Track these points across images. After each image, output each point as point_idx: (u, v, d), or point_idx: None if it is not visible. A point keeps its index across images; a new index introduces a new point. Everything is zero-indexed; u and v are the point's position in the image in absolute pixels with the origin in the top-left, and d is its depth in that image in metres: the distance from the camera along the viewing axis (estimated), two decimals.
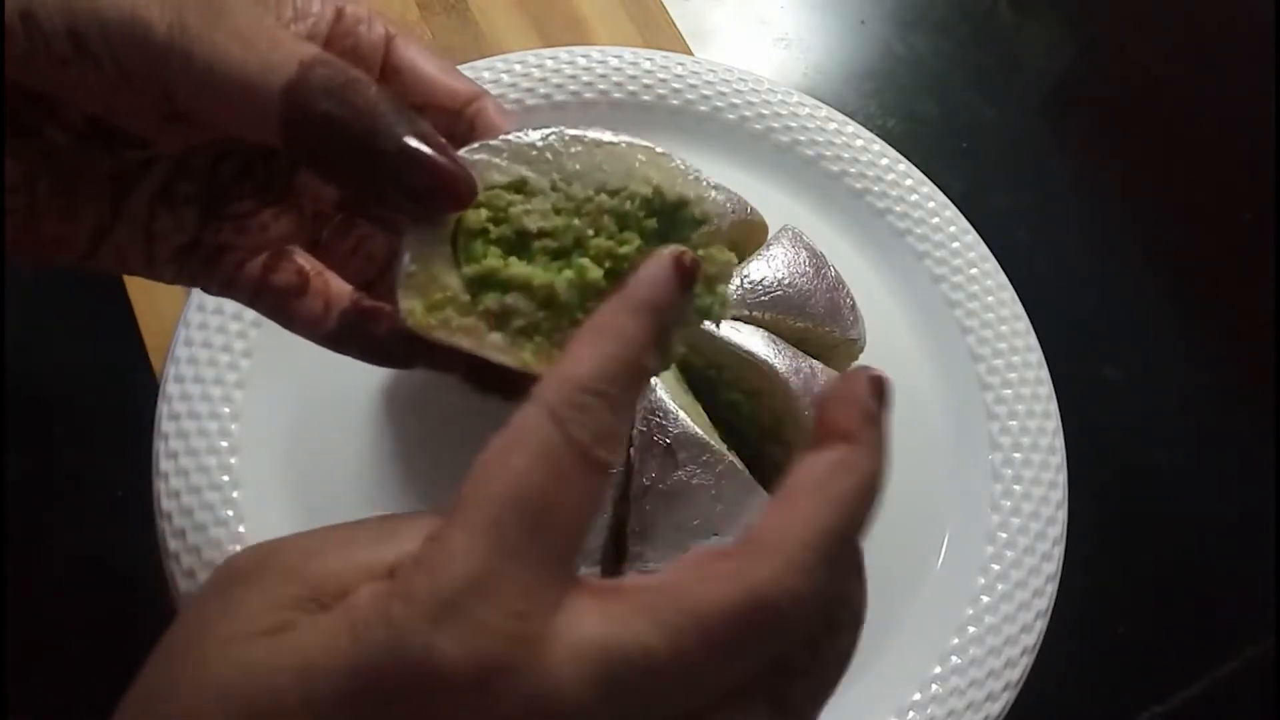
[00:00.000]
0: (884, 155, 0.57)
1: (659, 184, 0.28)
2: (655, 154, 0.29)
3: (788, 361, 0.42)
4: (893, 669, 0.45)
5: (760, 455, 0.43)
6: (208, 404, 0.46)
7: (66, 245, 0.29)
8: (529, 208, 0.28)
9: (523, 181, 0.28)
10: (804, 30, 0.67)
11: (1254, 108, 0.68)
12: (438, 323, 0.27)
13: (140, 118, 0.27)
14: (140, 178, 0.30)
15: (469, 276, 0.27)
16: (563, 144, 0.28)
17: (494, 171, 0.28)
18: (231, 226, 0.31)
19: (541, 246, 0.28)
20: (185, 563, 0.43)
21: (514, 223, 0.27)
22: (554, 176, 0.28)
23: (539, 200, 0.28)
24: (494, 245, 0.27)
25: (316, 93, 0.25)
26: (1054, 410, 0.51)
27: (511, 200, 0.28)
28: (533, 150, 0.28)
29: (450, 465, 0.46)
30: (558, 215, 0.28)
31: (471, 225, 0.27)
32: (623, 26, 0.64)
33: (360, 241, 0.34)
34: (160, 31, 0.25)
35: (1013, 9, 0.71)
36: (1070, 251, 0.61)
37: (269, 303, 0.32)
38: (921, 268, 0.55)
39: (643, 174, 0.29)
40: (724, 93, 0.58)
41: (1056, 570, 0.47)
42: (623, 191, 0.28)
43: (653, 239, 0.28)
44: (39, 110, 0.27)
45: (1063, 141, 0.66)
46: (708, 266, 0.29)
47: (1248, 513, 0.54)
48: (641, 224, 0.28)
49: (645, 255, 0.26)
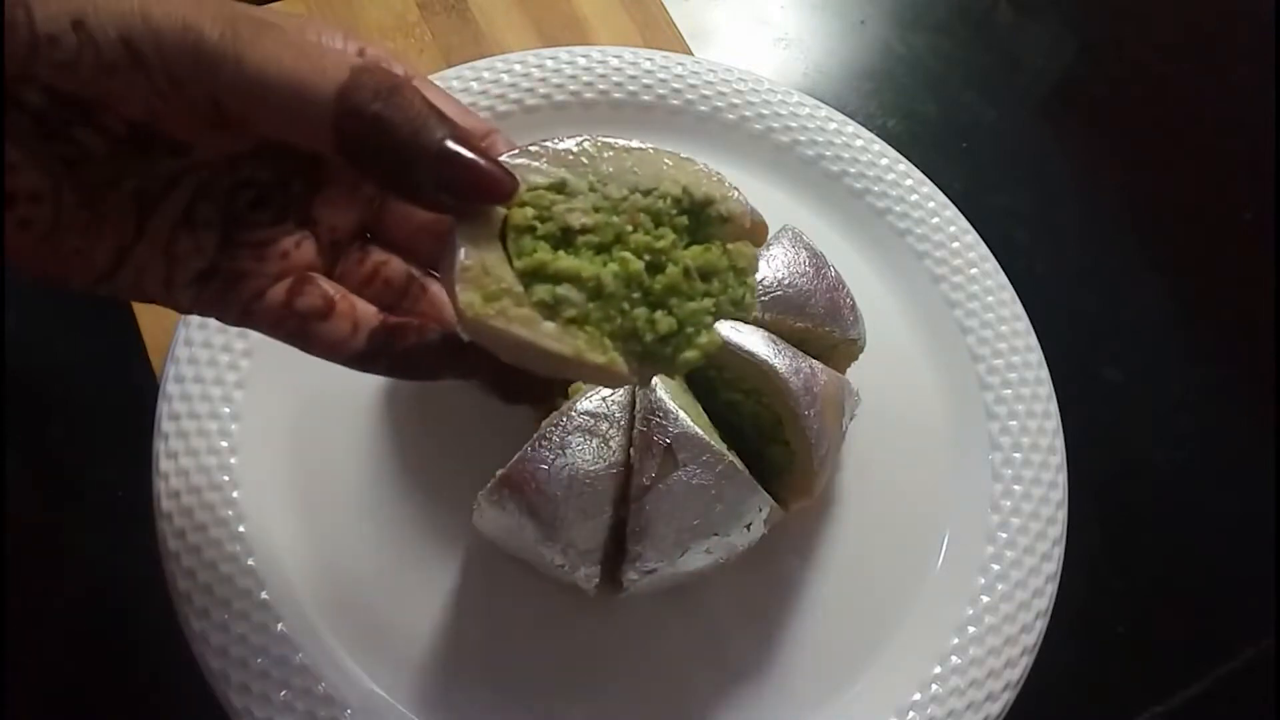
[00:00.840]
0: (884, 155, 0.57)
1: (687, 185, 0.31)
2: (680, 159, 0.31)
3: (788, 361, 0.42)
4: (893, 669, 0.45)
5: (760, 455, 0.43)
6: (208, 404, 0.46)
7: (87, 261, 0.29)
8: (571, 206, 0.29)
9: (563, 183, 0.30)
10: (804, 30, 0.67)
11: (1254, 108, 0.68)
12: (495, 313, 0.28)
13: (184, 123, 0.28)
14: (164, 197, 0.30)
15: (521, 270, 0.29)
16: (595, 149, 0.30)
17: (535, 174, 0.29)
18: (250, 253, 0.31)
19: (585, 242, 0.29)
20: (185, 563, 0.43)
21: (558, 220, 0.29)
22: (590, 179, 0.30)
23: (579, 200, 0.30)
24: (542, 241, 0.29)
25: (368, 95, 0.27)
26: (1054, 410, 0.51)
27: (554, 199, 0.29)
28: (569, 155, 0.30)
29: (450, 465, 0.47)
30: (597, 213, 0.30)
31: (519, 223, 0.29)
32: (623, 26, 0.64)
33: (377, 268, 0.34)
34: (213, 39, 0.26)
35: (1013, 9, 0.71)
36: (1070, 251, 0.61)
37: (291, 327, 0.32)
38: (921, 268, 0.55)
39: (671, 176, 0.31)
40: (724, 93, 0.58)
41: (1056, 570, 0.47)
42: (655, 191, 0.30)
43: (684, 235, 0.31)
44: (74, 116, 0.27)
45: (1063, 141, 0.66)
46: (737, 260, 0.31)
47: (1248, 513, 0.54)
48: (674, 221, 0.31)
49: (680, 249, 0.30)
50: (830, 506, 0.49)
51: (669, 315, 0.30)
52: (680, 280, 0.30)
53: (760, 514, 0.41)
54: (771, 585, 0.47)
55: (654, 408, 0.40)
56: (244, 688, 0.41)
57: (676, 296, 0.30)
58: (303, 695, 0.41)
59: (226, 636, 0.42)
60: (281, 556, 0.45)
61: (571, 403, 0.41)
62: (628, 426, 0.41)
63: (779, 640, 0.46)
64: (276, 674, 0.41)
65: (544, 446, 0.39)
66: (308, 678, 0.42)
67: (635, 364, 0.30)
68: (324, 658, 0.43)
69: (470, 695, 0.43)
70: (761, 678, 0.45)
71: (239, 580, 0.43)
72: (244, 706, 0.41)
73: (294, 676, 0.42)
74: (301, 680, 0.42)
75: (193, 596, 0.42)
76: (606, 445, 0.40)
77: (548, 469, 0.39)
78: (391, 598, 0.44)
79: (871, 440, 0.50)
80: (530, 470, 0.39)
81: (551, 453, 0.39)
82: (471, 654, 0.44)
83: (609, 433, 0.40)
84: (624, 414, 0.41)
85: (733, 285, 0.31)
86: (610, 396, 0.41)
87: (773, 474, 0.43)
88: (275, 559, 0.44)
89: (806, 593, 0.47)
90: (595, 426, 0.40)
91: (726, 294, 0.31)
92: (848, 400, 0.45)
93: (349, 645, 0.43)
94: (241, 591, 0.43)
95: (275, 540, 0.45)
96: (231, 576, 0.43)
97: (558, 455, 0.39)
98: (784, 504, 0.43)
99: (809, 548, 0.48)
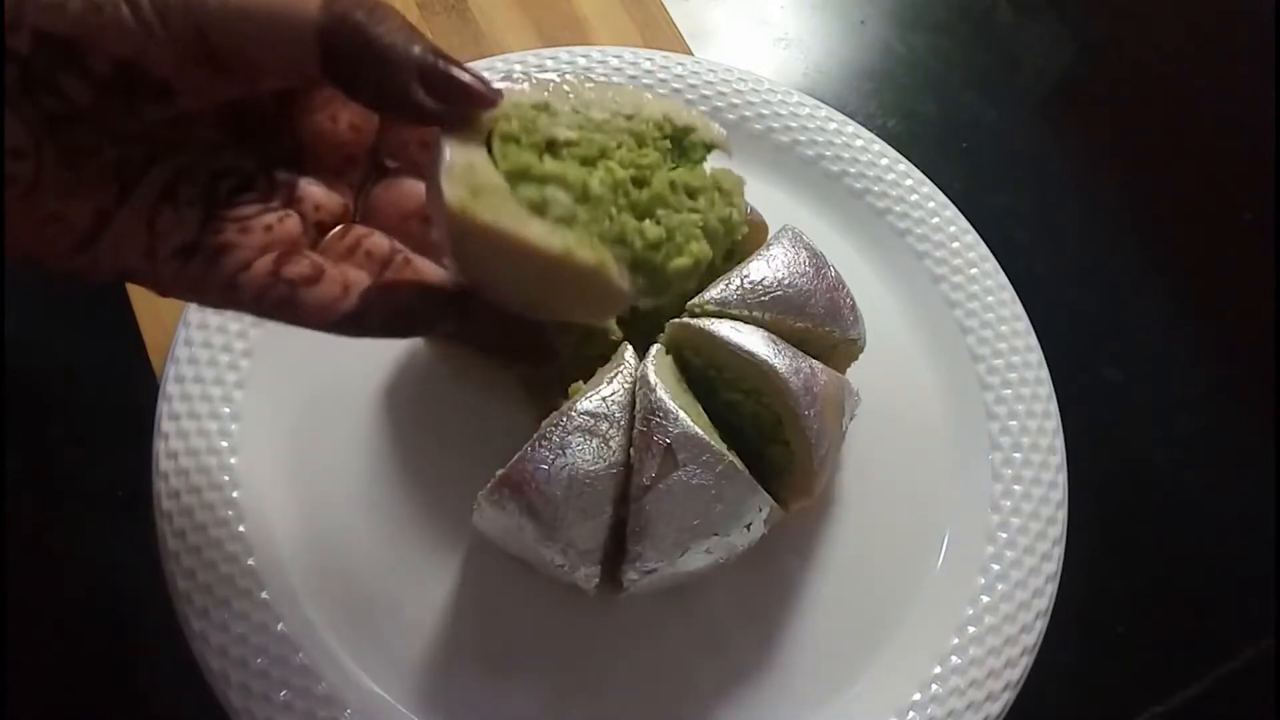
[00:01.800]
0: (884, 155, 0.57)
1: (667, 112, 0.32)
2: (661, 96, 0.33)
3: (788, 361, 0.42)
4: (893, 669, 0.45)
5: (760, 455, 0.43)
6: (208, 404, 0.46)
7: (65, 226, 0.29)
8: (555, 121, 0.30)
9: (546, 104, 0.31)
10: (804, 30, 0.67)
11: (1254, 108, 0.68)
12: (484, 208, 0.29)
13: (171, 61, 0.28)
14: (145, 172, 0.30)
15: (507, 171, 0.29)
16: (577, 80, 0.31)
17: (518, 95, 0.30)
18: (235, 226, 0.31)
19: (570, 154, 0.30)
20: (185, 563, 0.43)
21: (543, 132, 0.30)
22: (573, 102, 0.31)
23: (563, 119, 0.31)
24: (527, 150, 0.30)
25: (350, 4, 0.28)
26: (1054, 410, 0.51)
27: (537, 115, 0.30)
28: (551, 83, 0.31)
29: (450, 465, 0.47)
30: (581, 130, 0.31)
31: (504, 131, 0.30)
32: (623, 26, 0.64)
33: (359, 240, 0.34)
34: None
35: (1013, 9, 0.71)
36: (1070, 251, 0.61)
37: (278, 295, 0.31)
38: (921, 268, 0.55)
39: (653, 105, 0.32)
40: (724, 93, 0.58)
41: (1056, 570, 0.47)
42: (636, 116, 0.32)
43: (668, 156, 0.32)
44: (61, 61, 0.27)
45: (1063, 141, 0.66)
46: (723, 181, 0.33)
47: (1248, 513, 0.54)
48: (657, 144, 0.32)
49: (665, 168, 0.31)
50: (830, 506, 0.49)
51: (657, 225, 0.31)
52: (666, 192, 0.31)
53: (760, 514, 0.41)
54: (771, 585, 0.47)
55: (654, 408, 0.40)
56: (244, 688, 0.41)
57: (663, 208, 0.31)
58: (303, 695, 0.41)
59: (226, 636, 0.42)
60: (281, 556, 0.45)
61: (571, 403, 0.41)
62: (628, 426, 0.41)
63: (779, 640, 0.46)
64: (276, 674, 0.41)
65: (544, 446, 0.39)
66: (308, 678, 0.42)
67: (627, 273, 0.31)
68: (324, 658, 0.43)
69: (470, 695, 0.43)
70: (761, 678, 0.45)
71: (239, 580, 0.43)
72: (244, 706, 0.41)
73: (294, 676, 0.42)
74: (301, 680, 0.42)
75: (193, 596, 0.42)
76: (606, 445, 0.40)
77: (548, 469, 0.39)
78: (392, 598, 0.44)
79: (871, 440, 0.50)
80: (530, 470, 0.39)
81: (551, 453, 0.39)
82: (471, 654, 0.44)
83: (609, 433, 0.40)
84: (624, 414, 0.41)
85: (719, 204, 0.32)
86: (610, 396, 0.41)
87: (773, 474, 0.43)
88: (275, 559, 0.44)
89: (806, 593, 0.47)
90: (595, 426, 0.40)
91: (714, 211, 0.32)
92: (848, 400, 0.45)
93: (349, 645, 0.43)
94: (241, 591, 0.43)
95: (275, 540, 0.45)
96: (231, 576, 0.43)
97: (558, 455, 0.39)
98: (784, 504, 0.43)
99: (809, 548, 0.48)
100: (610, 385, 0.41)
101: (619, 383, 0.42)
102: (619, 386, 0.41)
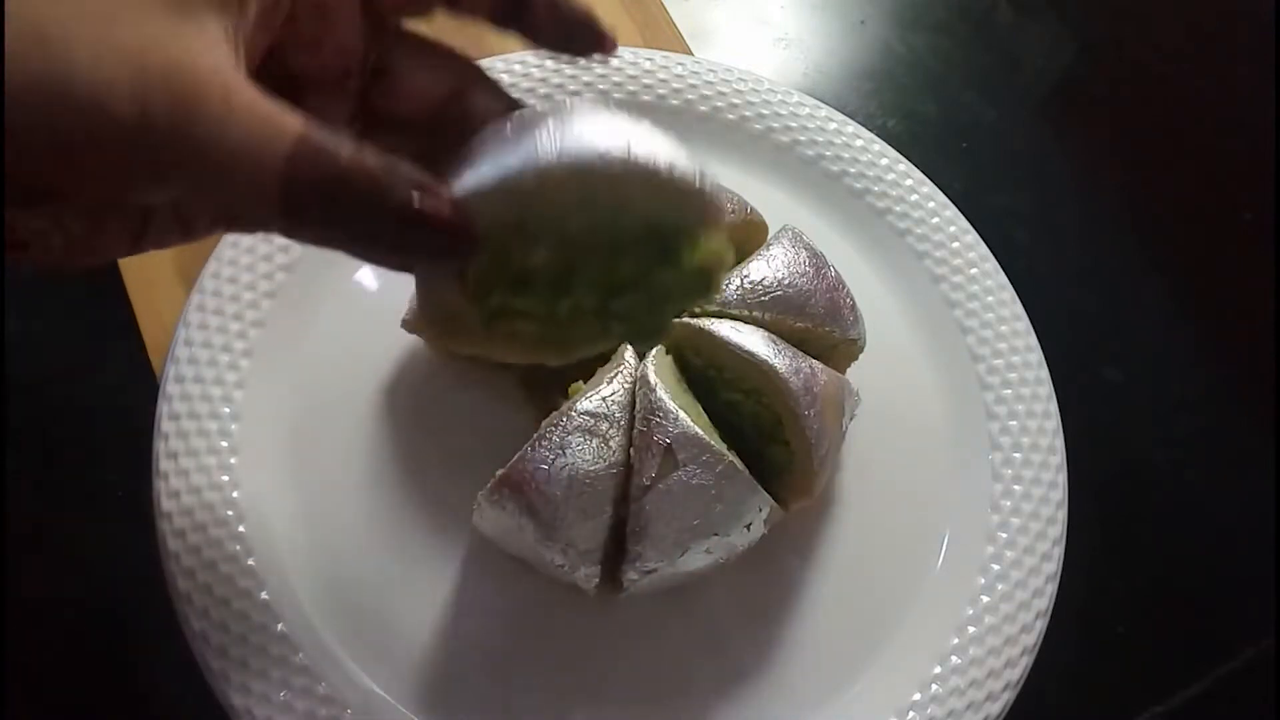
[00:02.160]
0: (884, 155, 0.57)
1: (652, 219, 0.29)
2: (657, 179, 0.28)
3: (788, 361, 0.42)
4: (893, 669, 0.45)
5: (760, 455, 0.43)
6: (208, 404, 0.46)
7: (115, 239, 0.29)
8: (528, 250, 0.29)
9: (520, 223, 0.28)
10: (804, 30, 0.67)
11: (1254, 108, 0.68)
12: (458, 341, 0.31)
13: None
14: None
15: (480, 306, 0.30)
16: (555, 181, 0.28)
17: (492, 209, 0.28)
18: None
19: (544, 274, 0.30)
20: (185, 563, 0.43)
21: (516, 261, 0.29)
22: (548, 214, 0.28)
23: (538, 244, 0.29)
24: (499, 283, 0.29)
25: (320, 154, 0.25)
26: (1054, 410, 0.51)
27: (509, 241, 0.29)
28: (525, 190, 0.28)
29: (450, 465, 0.47)
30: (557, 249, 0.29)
31: (476, 274, 0.29)
32: (623, 26, 0.64)
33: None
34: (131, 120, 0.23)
35: (1013, 9, 0.71)
36: (1070, 251, 0.61)
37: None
38: (921, 268, 0.55)
39: (640, 207, 0.29)
40: (724, 93, 0.58)
41: (1056, 570, 0.47)
42: (616, 225, 0.29)
43: (648, 259, 0.30)
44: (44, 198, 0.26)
45: (1063, 141, 0.66)
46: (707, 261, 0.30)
47: (1248, 513, 0.54)
48: (636, 250, 0.30)
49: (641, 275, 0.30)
50: (830, 506, 0.49)
51: (623, 324, 0.31)
52: (642, 298, 0.31)
53: (760, 514, 0.41)
54: (771, 585, 0.47)
55: (654, 408, 0.40)
56: (244, 688, 0.41)
57: (639, 309, 0.31)
58: (303, 695, 0.41)
59: (226, 636, 0.42)
60: (281, 557, 0.45)
61: (571, 403, 0.41)
62: (628, 426, 0.41)
63: (779, 640, 0.46)
64: (276, 674, 0.41)
65: (544, 446, 0.39)
66: (308, 678, 0.42)
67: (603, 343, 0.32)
68: (324, 658, 0.43)
69: (470, 695, 0.43)
70: (761, 678, 0.45)
71: (239, 580, 0.43)
72: (244, 706, 0.41)
73: (294, 676, 0.42)
74: (301, 680, 0.42)
75: (193, 596, 0.42)
76: (606, 445, 0.40)
77: (548, 469, 0.39)
78: (392, 598, 0.44)
79: (871, 440, 0.50)
80: (530, 470, 0.39)
81: (551, 453, 0.39)
82: (471, 654, 0.44)
83: (609, 433, 0.40)
84: (624, 414, 0.41)
85: (699, 285, 0.31)
86: (610, 396, 0.41)
87: (773, 474, 0.43)
88: (275, 559, 0.44)
89: (806, 593, 0.47)
90: (595, 426, 0.40)
91: (689, 299, 0.32)
92: (848, 400, 0.45)
93: (349, 645, 0.43)
94: (241, 591, 0.43)
95: (275, 540, 0.45)
96: (231, 576, 0.43)
97: (558, 455, 0.39)
98: (784, 504, 0.43)
99: (809, 548, 0.48)
100: (610, 385, 0.41)
101: (619, 383, 0.42)
102: (619, 386, 0.41)
